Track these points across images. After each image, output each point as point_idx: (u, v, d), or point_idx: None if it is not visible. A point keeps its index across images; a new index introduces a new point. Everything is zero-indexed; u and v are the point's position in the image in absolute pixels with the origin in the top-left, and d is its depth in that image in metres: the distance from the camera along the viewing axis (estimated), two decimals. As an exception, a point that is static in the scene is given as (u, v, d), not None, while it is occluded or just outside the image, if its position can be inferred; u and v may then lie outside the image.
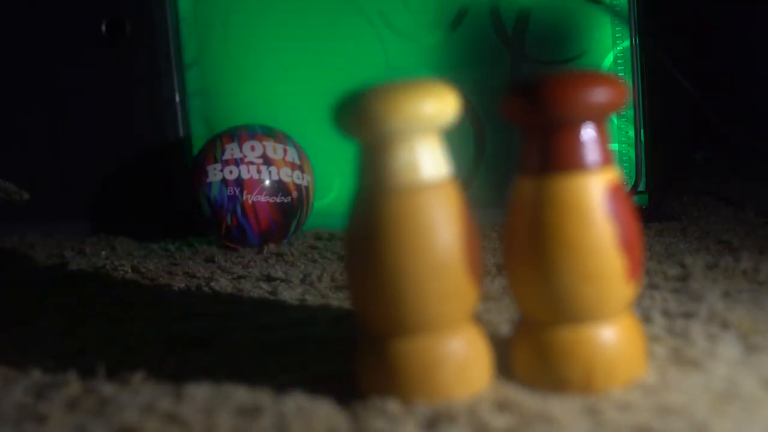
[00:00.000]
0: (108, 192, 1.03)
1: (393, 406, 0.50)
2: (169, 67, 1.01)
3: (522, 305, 0.52)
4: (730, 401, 0.47)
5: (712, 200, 0.97)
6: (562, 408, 0.48)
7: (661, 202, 0.94)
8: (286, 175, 0.92)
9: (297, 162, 0.94)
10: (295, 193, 0.93)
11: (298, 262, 0.86)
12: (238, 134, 0.94)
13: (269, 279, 0.80)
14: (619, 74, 0.88)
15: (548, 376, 0.50)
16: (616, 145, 0.92)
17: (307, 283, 0.78)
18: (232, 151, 0.92)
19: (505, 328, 0.61)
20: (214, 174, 0.92)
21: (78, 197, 1.03)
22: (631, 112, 0.91)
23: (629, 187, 0.91)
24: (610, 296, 0.50)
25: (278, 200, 0.92)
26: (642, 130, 0.92)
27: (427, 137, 0.50)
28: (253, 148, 0.92)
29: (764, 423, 0.45)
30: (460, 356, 0.50)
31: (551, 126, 0.49)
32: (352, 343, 0.55)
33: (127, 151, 1.02)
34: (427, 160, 0.49)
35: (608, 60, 0.92)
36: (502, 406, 0.49)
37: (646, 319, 0.61)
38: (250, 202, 0.91)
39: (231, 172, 0.91)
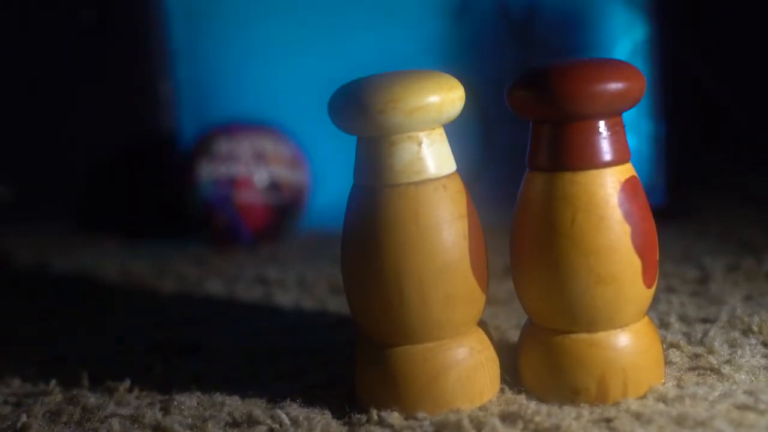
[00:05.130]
0: (95, 190, 1.03)
1: (394, 418, 0.49)
2: (157, 57, 1.01)
3: (531, 309, 0.52)
4: (752, 412, 0.47)
5: (733, 198, 0.97)
6: (574, 420, 0.48)
7: (680, 201, 0.94)
8: (281, 172, 0.92)
9: (292, 158, 0.93)
10: (289, 192, 0.93)
11: (294, 264, 0.86)
12: (230, 129, 0.93)
13: (263, 281, 0.80)
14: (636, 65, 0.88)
15: (560, 386, 0.50)
16: (633, 139, 0.92)
17: (302, 287, 0.78)
18: (224, 147, 0.92)
19: (513, 334, 0.60)
20: (206, 171, 0.91)
21: (62, 195, 1.03)
22: (648, 105, 0.91)
23: (646, 184, 0.90)
24: (625, 300, 0.49)
25: (272, 199, 0.92)
26: (660, 125, 0.91)
27: (431, 131, 0.49)
28: (246, 144, 0.92)
29: (789, 435, 0.45)
30: (465, 365, 0.50)
31: (563, 120, 0.49)
32: (351, 351, 0.55)
33: (115, 148, 1.02)
34: (431, 156, 0.49)
35: (623, 49, 0.91)
36: (511, 418, 0.48)
37: (663, 324, 0.61)
38: (243, 201, 0.91)
39: (223, 169, 0.91)
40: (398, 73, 0.49)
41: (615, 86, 0.48)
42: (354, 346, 0.54)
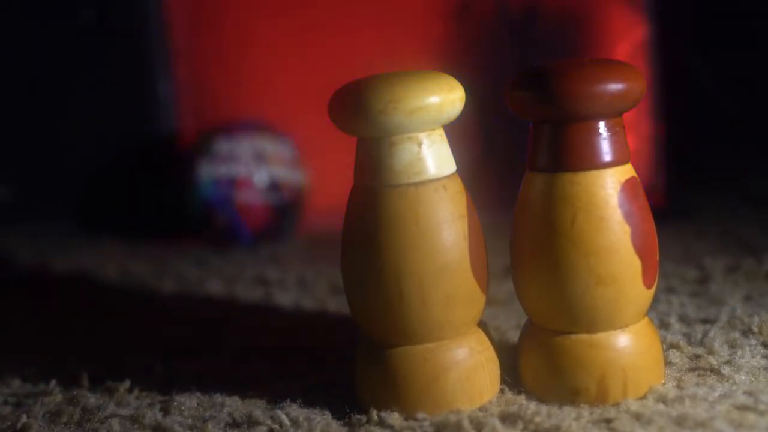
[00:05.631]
0: (94, 190, 1.03)
1: (394, 418, 0.49)
2: (157, 57, 1.01)
3: (531, 310, 0.52)
4: (752, 413, 0.47)
5: (733, 198, 0.97)
6: (574, 420, 0.48)
7: (680, 201, 0.94)
8: (281, 172, 0.92)
9: (292, 159, 0.93)
10: (289, 192, 0.93)
11: (294, 264, 0.86)
12: (230, 129, 0.93)
13: (263, 282, 0.80)
14: (636, 65, 0.88)
15: (560, 387, 0.50)
16: (633, 140, 0.92)
17: (302, 287, 0.78)
18: (223, 147, 0.92)
19: (513, 335, 0.60)
20: (206, 172, 0.91)
21: (62, 195, 1.03)
22: (648, 106, 0.91)
23: (646, 185, 0.90)
24: (625, 301, 0.49)
25: (272, 199, 0.92)
26: (660, 125, 0.91)
27: (431, 131, 0.49)
28: (246, 144, 0.92)
29: (789, 436, 0.45)
30: (465, 365, 0.50)
31: (563, 120, 0.49)
32: (351, 351, 0.55)
33: (114, 148, 1.02)
34: (431, 156, 0.49)
35: (623, 49, 0.91)
36: (511, 418, 0.48)
37: (663, 325, 0.61)
38: (242, 201, 0.91)
39: (223, 169, 0.91)
40: (398, 73, 0.49)
41: (615, 87, 0.48)
42: (354, 347, 0.54)
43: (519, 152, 0.53)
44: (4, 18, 1.01)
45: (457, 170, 0.51)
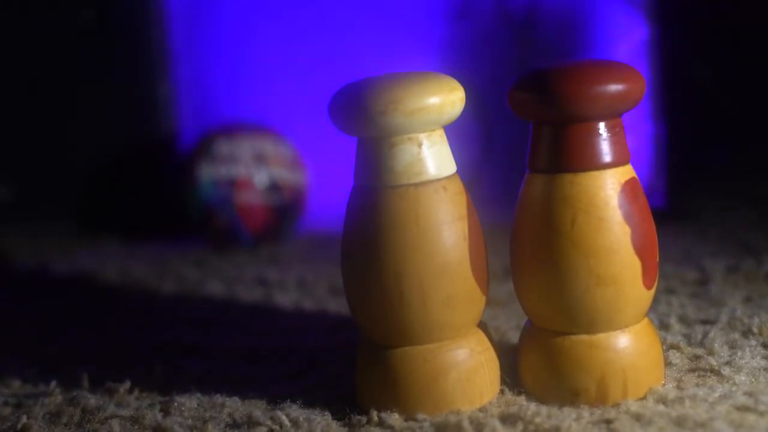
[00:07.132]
0: (95, 190, 1.03)
1: (394, 419, 0.49)
2: (157, 58, 1.01)
3: (531, 311, 0.52)
4: (752, 413, 0.47)
5: (733, 199, 0.97)
6: (574, 421, 0.48)
7: (680, 202, 0.94)
8: (281, 173, 0.92)
9: (292, 160, 0.94)
10: (289, 193, 0.93)
11: (294, 265, 0.86)
12: (230, 130, 0.93)
13: (263, 283, 0.80)
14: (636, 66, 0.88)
15: (559, 387, 0.50)
16: (633, 141, 0.92)
17: (302, 288, 0.78)
18: (224, 148, 0.92)
19: (513, 336, 0.60)
20: (206, 173, 0.92)
21: (62, 195, 1.03)
22: (648, 107, 0.91)
23: (646, 186, 0.90)
24: (625, 301, 0.49)
25: (272, 200, 0.92)
26: (660, 126, 0.91)
27: (431, 132, 0.49)
28: (246, 145, 0.92)
29: (789, 437, 0.45)
30: (465, 366, 0.50)
31: (564, 121, 0.49)
32: (351, 352, 0.55)
33: (115, 149, 1.02)
34: (431, 157, 0.49)
35: (623, 50, 0.92)
36: (511, 419, 0.48)
37: (663, 325, 0.61)
38: (243, 202, 0.91)
39: (223, 170, 0.91)
40: (399, 74, 0.49)
41: (615, 88, 0.48)
42: (354, 347, 0.54)
43: (519, 153, 0.53)
44: (4, 18, 1.01)
45: (457, 171, 0.51)
